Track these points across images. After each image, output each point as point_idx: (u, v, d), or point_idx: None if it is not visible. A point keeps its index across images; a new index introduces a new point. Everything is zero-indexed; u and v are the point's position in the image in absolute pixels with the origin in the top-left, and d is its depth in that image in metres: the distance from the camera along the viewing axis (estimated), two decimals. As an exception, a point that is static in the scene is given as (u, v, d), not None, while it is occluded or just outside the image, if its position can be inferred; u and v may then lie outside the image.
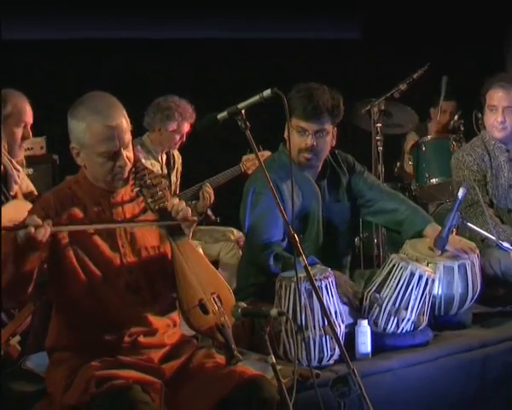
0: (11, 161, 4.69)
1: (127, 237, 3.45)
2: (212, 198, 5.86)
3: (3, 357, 4.37)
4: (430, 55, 6.62)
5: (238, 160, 6.03)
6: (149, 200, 3.42)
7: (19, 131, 4.69)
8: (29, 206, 4.71)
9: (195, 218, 3.48)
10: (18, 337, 4.42)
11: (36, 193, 4.89)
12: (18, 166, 4.75)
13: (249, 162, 5.96)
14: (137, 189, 3.43)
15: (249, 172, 5.95)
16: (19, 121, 4.67)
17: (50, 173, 6.06)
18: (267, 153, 5.81)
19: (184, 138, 6.03)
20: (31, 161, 5.16)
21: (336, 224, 4.57)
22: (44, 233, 3.11)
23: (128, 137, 3.38)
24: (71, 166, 4.22)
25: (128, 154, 3.37)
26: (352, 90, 4.48)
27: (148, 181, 3.42)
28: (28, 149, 5.14)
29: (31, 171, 5.27)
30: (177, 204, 3.43)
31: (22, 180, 4.78)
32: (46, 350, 3.51)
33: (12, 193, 4.69)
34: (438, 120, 7.50)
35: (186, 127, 5.98)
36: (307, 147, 4.38)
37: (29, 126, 4.72)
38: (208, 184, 5.85)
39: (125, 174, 3.39)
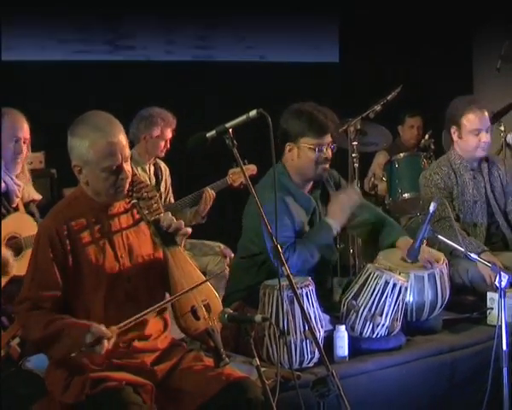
0: (12, 178, 4.70)
1: (125, 247, 3.43)
2: (212, 201, 5.81)
3: (5, 358, 4.38)
4: (403, 78, 6.63)
5: (223, 173, 5.98)
6: (145, 211, 3.41)
7: (12, 146, 4.67)
8: (28, 219, 4.75)
9: (189, 229, 3.47)
10: (18, 339, 4.42)
11: (37, 198, 4.90)
12: (18, 182, 4.75)
13: (235, 175, 5.91)
14: (134, 201, 3.42)
15: (235, 184, 5.91)
16: (11, 137, 4.66)
17: (49, 186, 6.06)
18: (252, 166, 5.80)
19: (168, 145, 5.98)
20: (30, 175, 5.16)
21: None
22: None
23: (127, 151, 3.36)
24: (67, 180, 4.21)
25: (128, 167, 3.35)
26: (330, 110, 4.47)
27: (145, 194, 3.42)
28: (28, 163, 5.14)
29: (30, 183, 5.25)
30: (169, 217, 3.42)
31: (24, 191, 4.79)
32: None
33: (13, 205, 4.72)
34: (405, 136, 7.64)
35: (169, 133, 5.93)
36: (328, 159, 4.39)
37: (22, 142, 4.70)
38: (209, 189, 5.80)
39: (126, 187, 3.37)
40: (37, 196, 4.93)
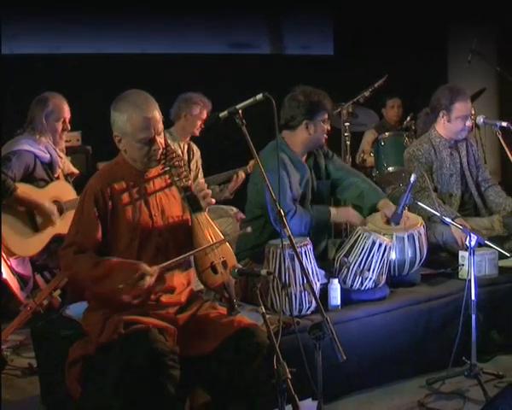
0: (55, 150, 4.73)
1: (158, 208, 3.42)
2: (241, 182, 5.79)
3: (48, 307, 4.41)
4: (387, 69, 6.57)
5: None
6: (176, 178, 3.37)
7: (59, 125, 4.72)
8: (68, 186, 4.77)
9: (213, 200, 3.45)
10: (59, 291, 4.46)
11: (76, 172, 4.93)
12: (61, 154, 4.78)
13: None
14: (167, 168, 3.38)
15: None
16: (58, 117, 4.70)
17: (84, 161, 6.09)
18: None
19: (203, 125, 5.92)
20: (69, 151, 5.21)
21: (319, 199, 4.52)
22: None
23: (161, 126, 3.34)
24: (101, 155, 4.17)
25: (160, 140, 3.34)
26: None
27: (176, 163, 3.38)
28: (67, 141, 5.16)
29: (68, 159, 5.30)
30: (200, 185, 3.42)
31: (64, 164, 4.83)
32: (86, 298, 3.50)
33: (56, 175, 4.75)
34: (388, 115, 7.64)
35: (205, 114, 5.86)
36: (328, 130, 4.48)
37: (67, 121, 4.75)
38: (242, 172, 5.77)
39: (158, 156, 3.36)
40: (76, 171, 4.95)
